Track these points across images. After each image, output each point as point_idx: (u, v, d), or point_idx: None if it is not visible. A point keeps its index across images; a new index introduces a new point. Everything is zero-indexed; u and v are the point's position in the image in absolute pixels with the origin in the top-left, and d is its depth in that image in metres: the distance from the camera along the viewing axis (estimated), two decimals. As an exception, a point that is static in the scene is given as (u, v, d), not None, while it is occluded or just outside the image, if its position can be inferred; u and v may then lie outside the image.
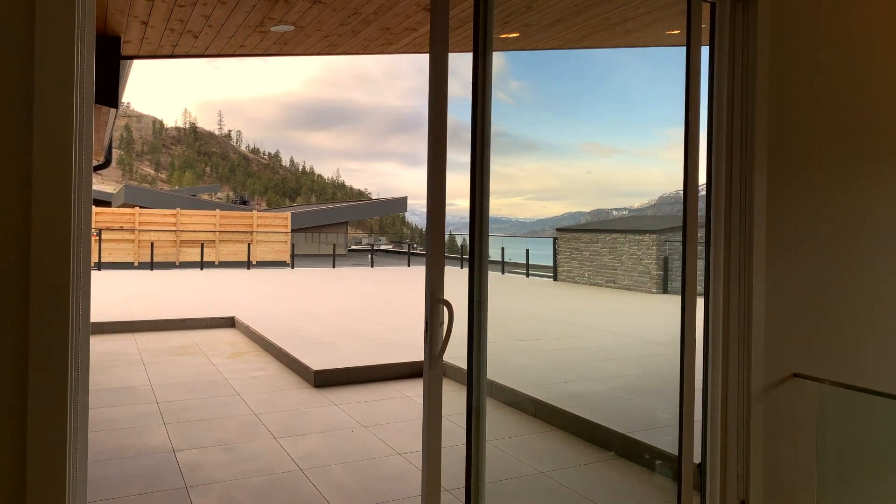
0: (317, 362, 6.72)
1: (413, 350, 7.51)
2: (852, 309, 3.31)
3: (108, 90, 5.12)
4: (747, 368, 3.10)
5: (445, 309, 2.36)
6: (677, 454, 3.15)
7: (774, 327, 3.15)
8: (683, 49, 3.12)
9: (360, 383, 6.54)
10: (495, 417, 5.55)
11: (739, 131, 3.08)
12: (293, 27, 5.19)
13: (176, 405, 5.62)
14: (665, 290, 15.93)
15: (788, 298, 3.17)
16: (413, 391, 6.27)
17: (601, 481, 4.18)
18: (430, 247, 2.38)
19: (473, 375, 2.64)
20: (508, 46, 7.85)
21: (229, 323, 10.02)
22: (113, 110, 5.99)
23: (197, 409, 5.53)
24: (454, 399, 5.63)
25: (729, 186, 3.13)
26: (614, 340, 8.79)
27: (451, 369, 6.66)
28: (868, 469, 3.31)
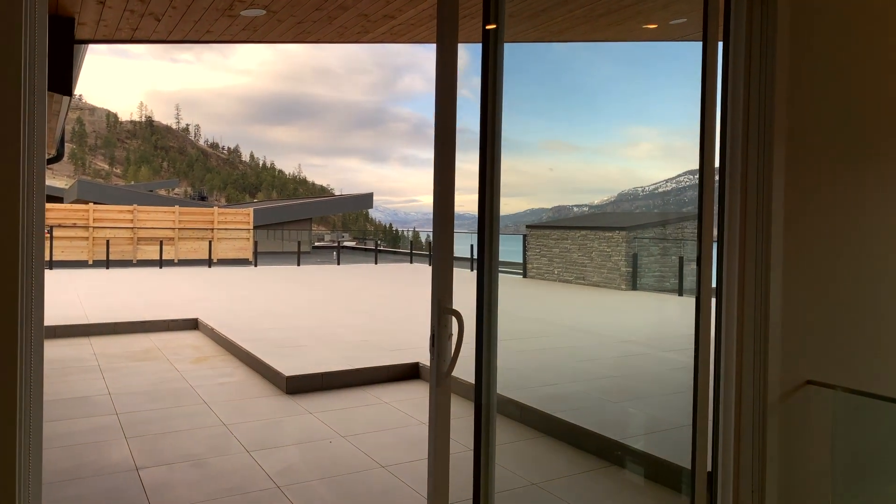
0: (288, 367, 6.38)
1: (389, 353, 7.23)
2: (867, 312, 3.16)
3: (61, 76, 4.71)
4: (763, 375, 2.92)
5: (455, 320, 2.11)
6: (690, 465, 2.96)
7: (789, 332, 2.98)
8: (658, 45, 2.92)
9: (334, 389, 6.23)
10: (467, 423, 5.32)
11: (756, 127, 2.89)
12: (265, 11, 4.85)
13: (137, 416, 5.24)
14: (634, 287, 15.95)
15: (803, 301, 3.01)
16: (391, 396, 5.99)
17: (599, 492, 3.98)
18: (436, 251, 2.12)
19: (483, 391, 2.38)
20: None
21: (192, 325, 9.57)
22: (66, 98, 5.55)
23: (161, 420, 5.16)
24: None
25: (744, 186, 2.94)
26: (591, 339, 8.65)
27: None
28: (885, 478, 3.18)
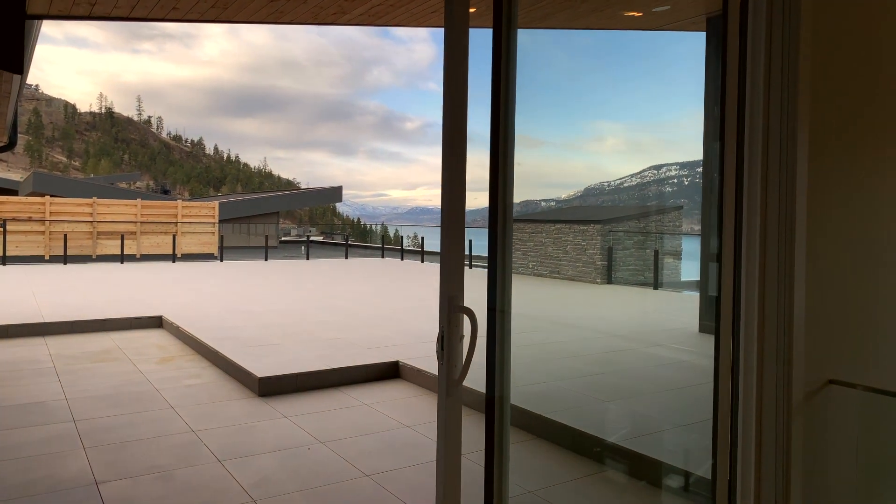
0: (260, 368, 6.02)
1: (367, 351, 6.91)
2: (891, 309, 2.97)
3: (11, 52, 4.27)
4: (787, 376, 2.70)
5: (467, 319, 1.83)
6: (710, 474, 2.72)
7: (812, 328, 2.76)
8: (629, 38, 2.68)
9: (310, 390, 5.90)
10: (465, 425, 5.05)
11: (778, 113, 2.66)
12: (236, -16, 4.49)
13: (97, 424, 4.84)
14: (609, 281, 15.86)
15: (823, 298, 2.79)
16: (371, 398, 5.68)
17: (602, 501, 3.74)
18: (446, 245, 1.83)
19: (495, 401, 2.11)
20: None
21: (156, 323, 9.10)
22: (17, 78, 5.09)
23: (122, 427, 4.77)
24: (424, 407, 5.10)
25: (765, 176, 2.71)
26: (573, 334, 8.46)
27: (425, 377, 6.12)
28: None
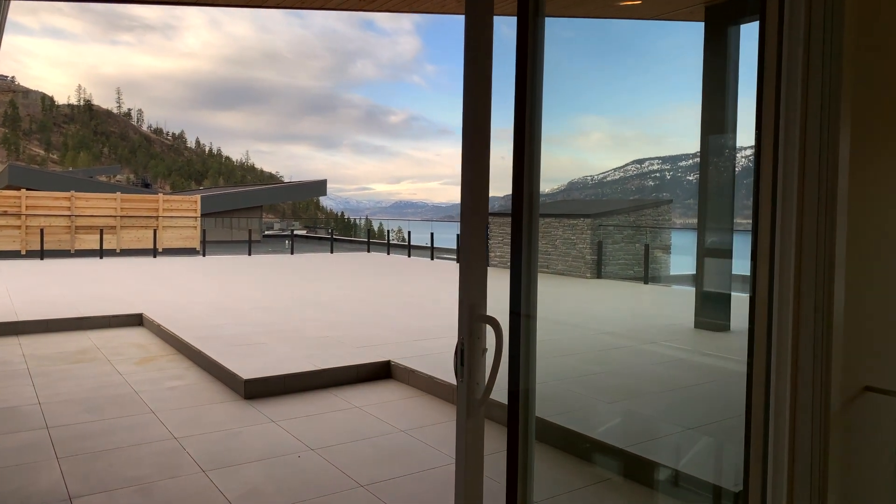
0: (246, 369, 5.76)
1: (356, 350, 6.66)
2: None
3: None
4: (824, 383, 2.50)
5: (491, 330, 1.59)
6: (742, 486, 2.52)
7: (851, 331, 2.56)
8: (620, 29, 2.47)
9: (299, 392, 5.64)
10: (449, 429, 4.82)
11: (818, 100, 2.44)
12: (219, -38, 4.20)
13: (72, 431, 4.55)
14: (599, 275, 15.70)
15: (862, 300, 2.59)
16: (363, 400, 5.44)
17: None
18: (466, 246, 1.60)
19: (520, 418, 1.88)
20: (444, 8, 7.05)
21: (136, 321, 8.78)
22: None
23: (100, 435, 4.49)
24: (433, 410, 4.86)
25: (802, 168, 2.49)
26: (565, 331, 8.26)
27: (437, 385, 5.88)
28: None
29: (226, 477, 3.82)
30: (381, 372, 6.16)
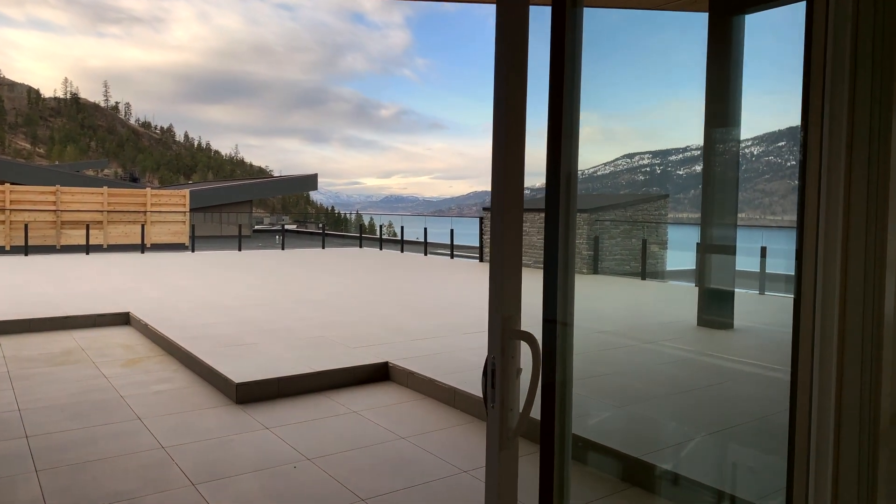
0: (238, 372, 5.51)
1: (352, 350, 6.42)
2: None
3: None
4: (873, 393, 2.29)
5: (527, 348, 1.37)
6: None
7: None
8: (614, 20, 2.25)
9: (293, 396, 5.40)
10: (465, 435, 4.61)
11: (868, 80, 2.22)
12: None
13: (53, 440, 4.30)
14: (595, 271, 15.53)
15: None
16: (360, 404, 5.21)
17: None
18: (499, 247, 1.37)
19: (556, 438, 1.65)
20: None
21: (123, 320, 8.49)
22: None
23: (82, 445, 4.24)
24: (435, 414, 4.63)
25: (849, 160, 2.28)
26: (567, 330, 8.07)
27: (438, 387, 5.66)
28: None
29: (217, 491, 3.58)
30: (379, 374, 5.93)
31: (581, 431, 4.25)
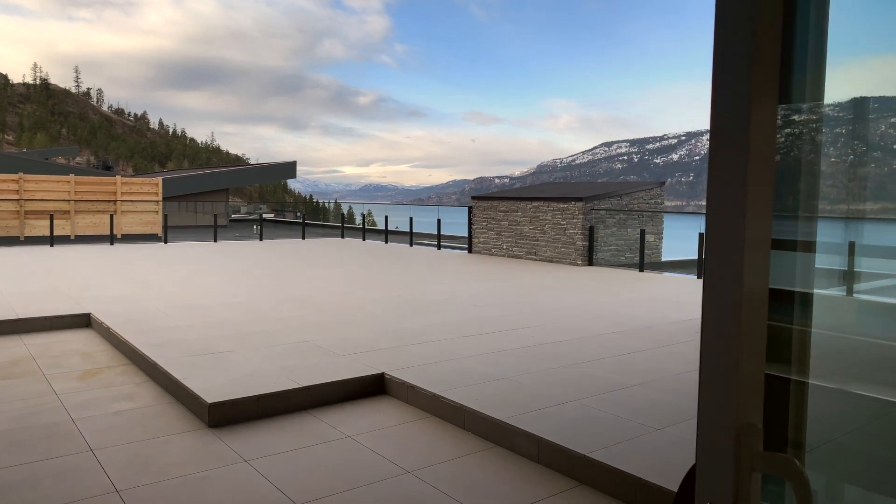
0: (211, 388, 4.74)
1: (341, 358, 5.68)
2: None
3: None
4: None
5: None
6: None
7: None
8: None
9: (274, 416, 4.65)
10: (481, 467, 3.90)
11: None
12: None
13: (-19, 483, 3.50)
14: (590, 262, 14.88)
15: None
16: (354, 426, 4.48)
17: None
18: (720, 311, 0.64)
19: None
20: None
21: (83, 322, 7.64)
22: None
23: (18, 487, 3.46)
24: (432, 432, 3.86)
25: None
26: (576, 329, 7.37)
27: (427, 398, 4.93)
28: None
29: (182, 555, 2.83)
30: (374, 386, 5.20)
31: (619, 463, 3.56)
